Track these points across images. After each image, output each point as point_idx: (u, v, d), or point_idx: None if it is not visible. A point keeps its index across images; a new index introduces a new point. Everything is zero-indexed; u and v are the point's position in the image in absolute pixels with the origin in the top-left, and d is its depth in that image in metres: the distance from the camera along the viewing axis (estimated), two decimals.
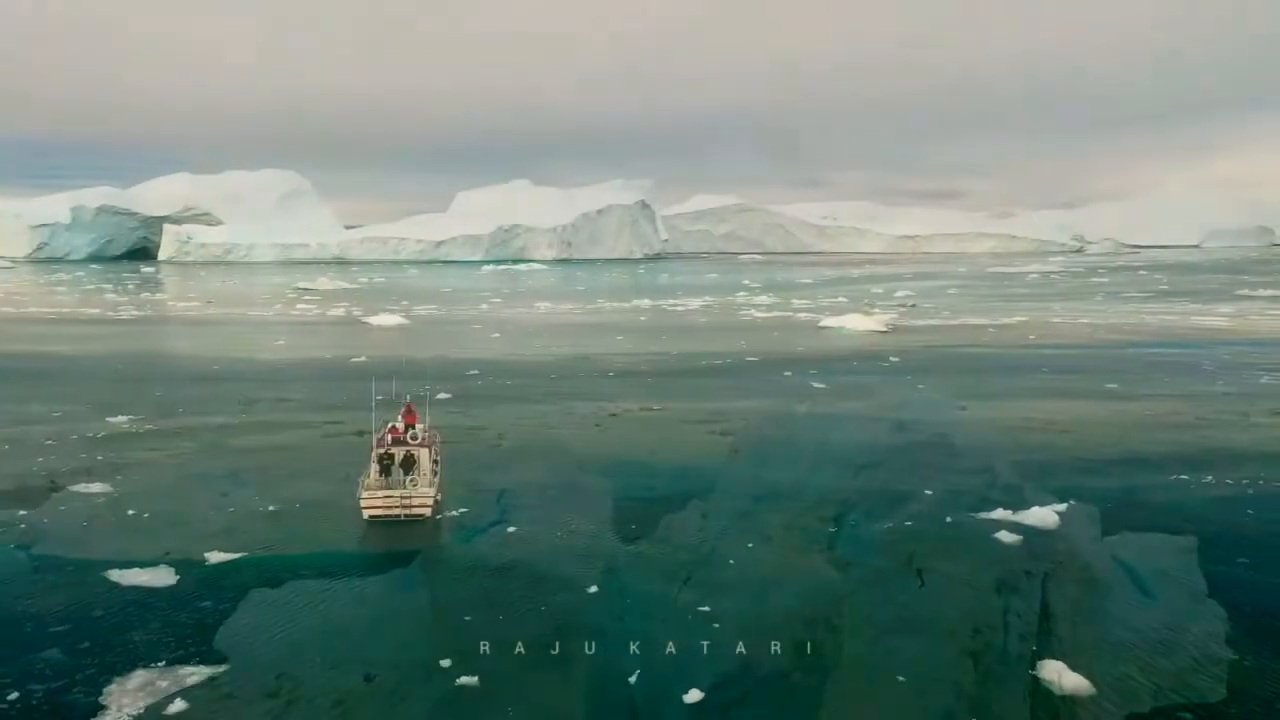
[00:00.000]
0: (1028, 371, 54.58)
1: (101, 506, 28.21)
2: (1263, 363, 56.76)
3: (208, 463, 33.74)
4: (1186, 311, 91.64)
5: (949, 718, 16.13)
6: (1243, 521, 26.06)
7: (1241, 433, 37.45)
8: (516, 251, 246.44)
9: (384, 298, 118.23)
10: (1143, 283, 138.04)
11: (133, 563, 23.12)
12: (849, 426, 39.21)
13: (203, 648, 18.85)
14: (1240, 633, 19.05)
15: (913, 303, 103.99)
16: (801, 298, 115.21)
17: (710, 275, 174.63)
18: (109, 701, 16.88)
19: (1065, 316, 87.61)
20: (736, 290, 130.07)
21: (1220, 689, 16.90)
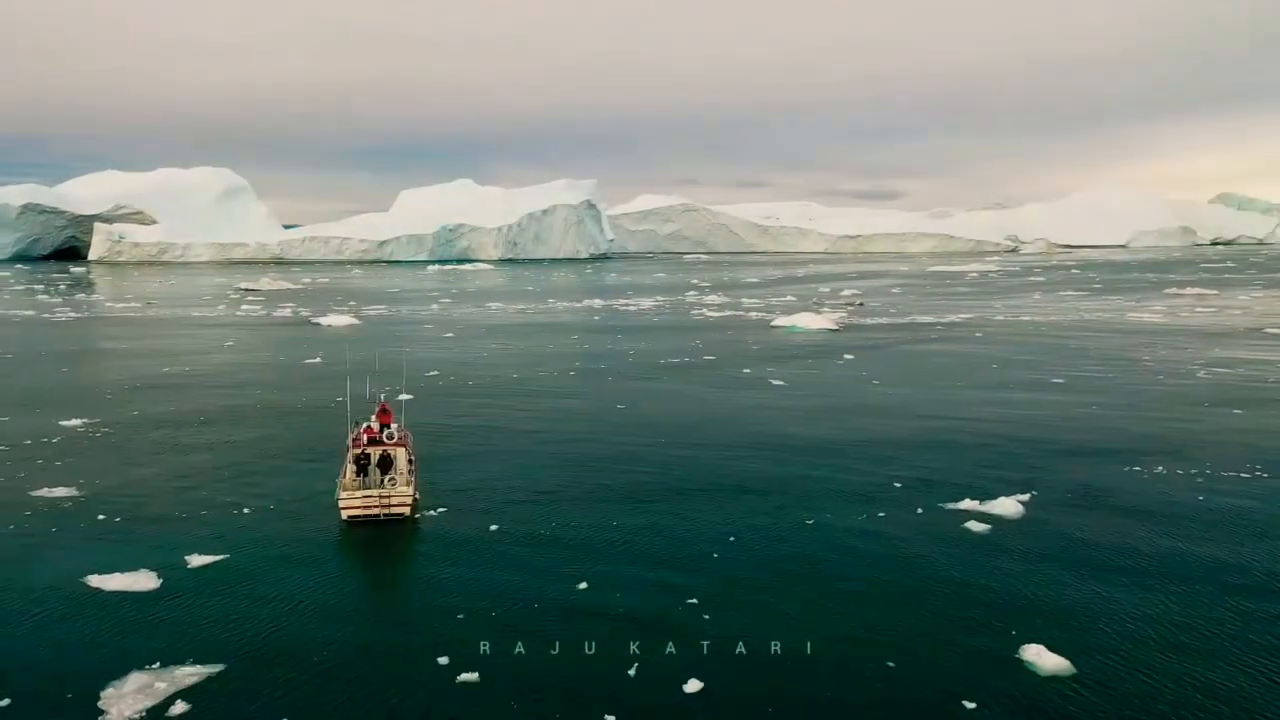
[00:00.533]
0: (977, 368, 56.08)
1: (69, 511, 27.64)
2: (1197, 357, 59.10)
3: (173, 465, 33.19)
4: (1121, 308, 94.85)
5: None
6: (1197, 508, 27.30)
7: (1185, 425, 39.08)
8: (461, 251, 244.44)
9: (330, 298, 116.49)
10: (1077, 281, 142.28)
11: (112, 567, 22.77)
12: (811, 421, 39.99)
13: (196, 650, 18.72)
14: (1203, 608, 20.11)
15: (860, 301, 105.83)
16: (750, 297, 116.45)
17: (658, 275, 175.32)
18: (108, 705, 16.71)
19: (1007, 314, 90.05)
20: (686, 290, 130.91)
21: (1190, 658, 17.88)
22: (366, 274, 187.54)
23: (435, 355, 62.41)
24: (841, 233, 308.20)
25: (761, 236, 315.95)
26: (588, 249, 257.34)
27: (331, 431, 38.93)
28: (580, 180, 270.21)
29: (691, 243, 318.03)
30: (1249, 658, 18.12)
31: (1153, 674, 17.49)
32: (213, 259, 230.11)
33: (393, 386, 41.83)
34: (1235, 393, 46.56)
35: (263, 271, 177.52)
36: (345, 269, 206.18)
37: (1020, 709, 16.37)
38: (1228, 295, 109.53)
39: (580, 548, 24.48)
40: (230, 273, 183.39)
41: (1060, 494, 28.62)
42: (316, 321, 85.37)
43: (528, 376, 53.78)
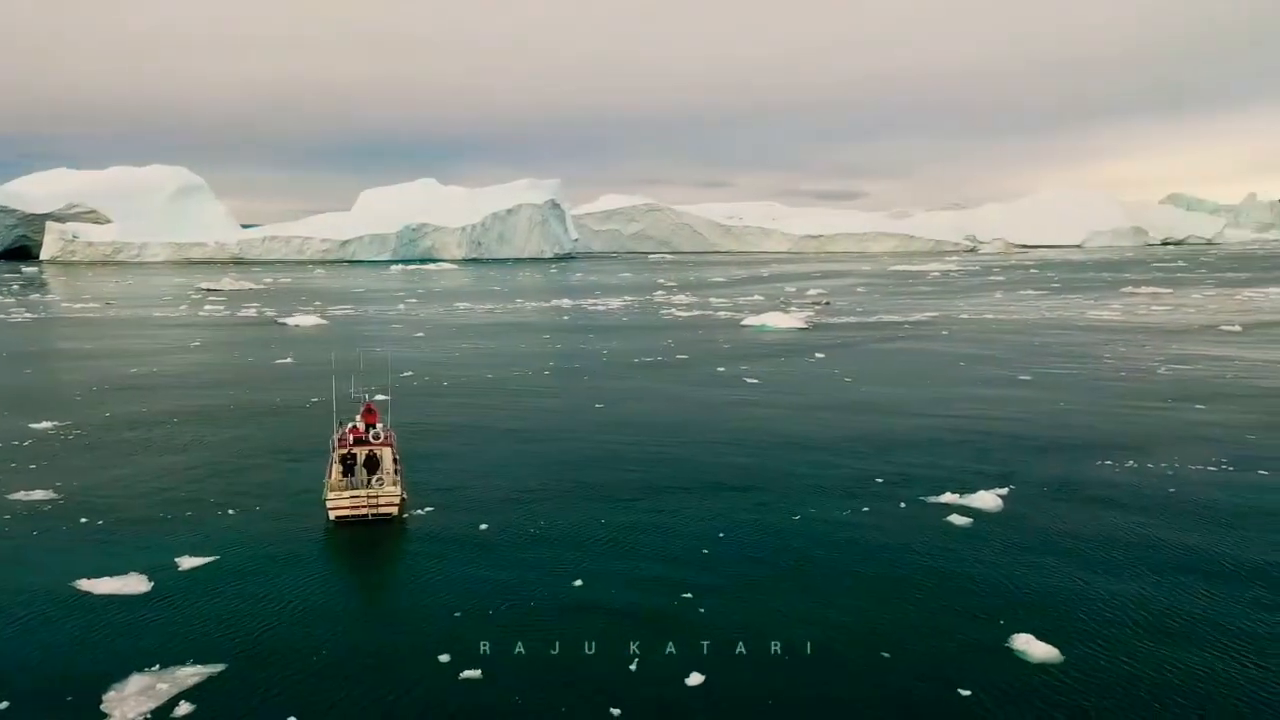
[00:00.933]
0: (946, 365, 57.06)
1: (50, 514, 27.28)
2: (1156, 354, 60.63)
3: (151, 466, 32.82)
4: (1081, 307, 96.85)
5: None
6: (1168, 499, 28.16)
7: (1151, 420, 40.17)
8: (425, 251, 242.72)
9: (295, 298, 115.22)
10: (1035, 281, 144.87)
11: (100, 571, 22.56)
12: (788, 419, 40.50)
13: (195, 651, 18.64)
14: (1181, 595, 20.84)
15: (826, 300, 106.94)
16: (718, 296, 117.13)
17: (624, 274, 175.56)
18: (110, 707, 16.63)
19: (971, 313, 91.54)
20: (654, 289, 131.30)
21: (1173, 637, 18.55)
22: (329, 274, 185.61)
23: (408, 355, 62.10)
24: (804, 232, 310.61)
25: (725, 236, 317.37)
26: (552, 249, 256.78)
27: (310, 431, 38.77)
28: (544, 180, 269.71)
29: (656, 242, 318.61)
30: (1224, 640, 18.81)
31: (1137, 660, 18.08)
32: (169, 259, 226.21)
33: (370, 387, 41.71)
34: (1195, 388, 47.87)
35: (222, 271, 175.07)
36: (307, 269, 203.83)
37: (1012, 697, 16.85)
38: (1181, 294, 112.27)
39: (571, 545, 24.66)
40: (189, 272, 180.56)
41: (1037, 487, 29.35)
42: (283, 321, 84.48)
43: (503, 376, 53.76)
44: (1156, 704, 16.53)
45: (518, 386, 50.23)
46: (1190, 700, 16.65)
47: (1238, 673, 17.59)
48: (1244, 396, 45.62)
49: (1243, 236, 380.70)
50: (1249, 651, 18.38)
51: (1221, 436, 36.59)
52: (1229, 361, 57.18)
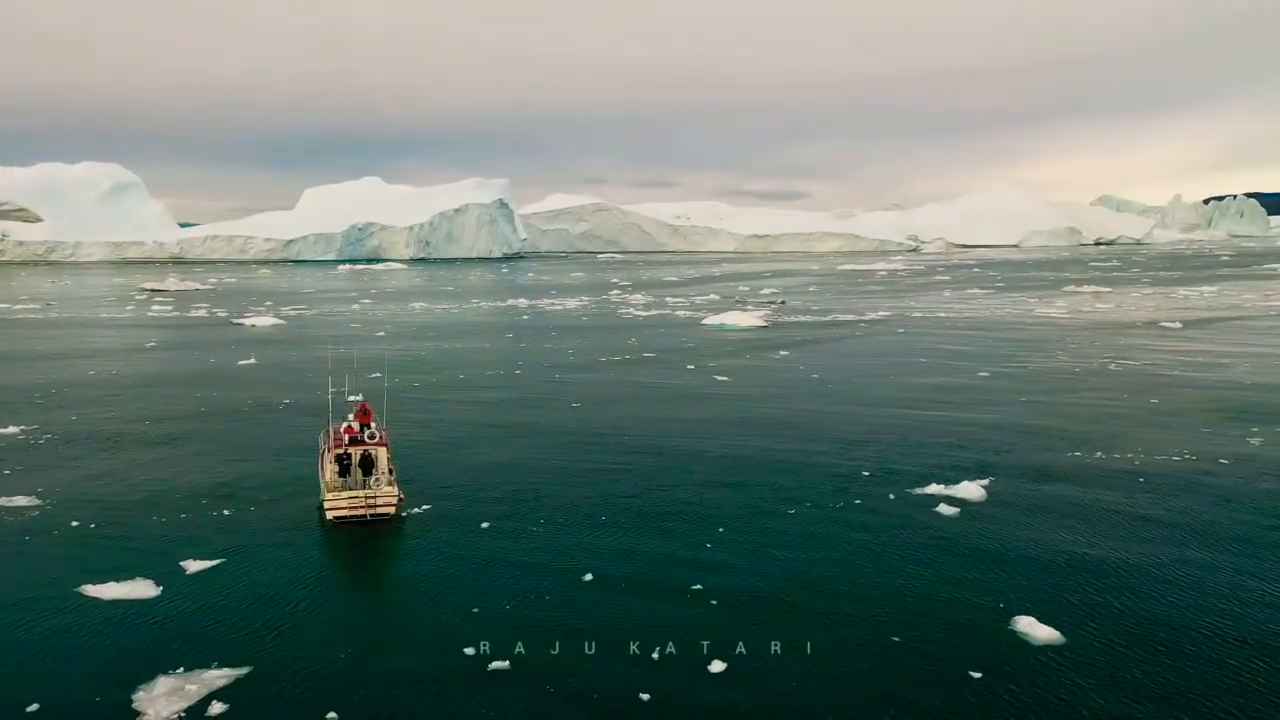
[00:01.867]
0: (907, 362, 58.41)
1: (37, 520, 26.81)
2: (1106, 350, 62.78)
3: (131, 469, 32.35)
4: (1028, 305, 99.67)
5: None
6: (1140, 486, 29.46)
7: (1110, 412, 41.72)
8: (372, 250, 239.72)
9: (244, 298, 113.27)
10: (980, 279, 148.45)
11: (104, 576, 22.33)
12: (765, 416, 41.25)
13: (218, 653, 18.64)
14: (1173, 573, 21.98)
15: (781, 300, 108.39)
16: (674, 296, 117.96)
17: (576, 274, 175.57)
18: (143, 708, 16.60)
19: (923, 311, 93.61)
20: (608, 289, 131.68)
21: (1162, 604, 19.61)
22: (275, 274, 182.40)
23: (374, 355, 61.53)
24: (751, 232, 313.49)
25: (673, 236, 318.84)
26: (500, 248, 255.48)
27: (289, 432, 38.54)
28: (492, 179, 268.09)
29: (604, 242, 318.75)
30: (1212, 606, 19.91)
31: (1136, 640, 19.07)
32: (106, 258, 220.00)
33: (342, 388, 41.42)
34: (1147, 382, 49.81)
35: (162, 271, 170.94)
36: (250, 269, 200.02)
37: (1018, 678, 17.65)
38: (1120, 292, 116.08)
39: (573, 543, 24.95)
40: (127, 272, 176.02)
41: (1015, 478, 30.48)
42: (238, 322, 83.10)
43: (474, 376, 53.74)
44: (1159, 681, 17.47)
45: (490, 386, 50.28)
46: (1190, 668, 17.64)
47: (1228, 628, 18.67)
48: (1192, 389, 47.58)
49: (1170, 237, 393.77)
50: (1236, 615, 19.49)
51: (1178, 427, 38.25)
52: (1174, 357, 59.50)
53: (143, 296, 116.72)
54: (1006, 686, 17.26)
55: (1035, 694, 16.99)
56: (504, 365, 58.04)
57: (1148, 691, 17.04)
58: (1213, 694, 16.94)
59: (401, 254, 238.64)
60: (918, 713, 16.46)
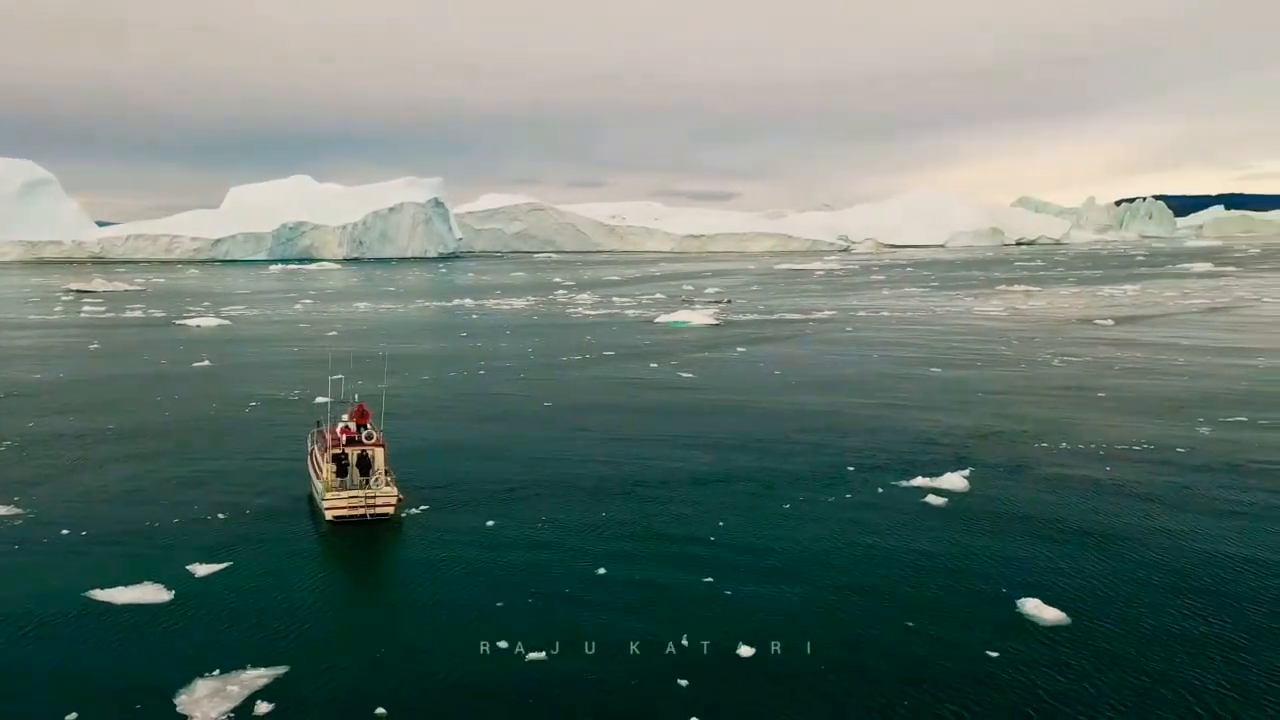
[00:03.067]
0: (862, 358, 59.90)
1: (24, 529, 26.16)
2: (1046, 347, 65.21)
3: (110, 475, 31.66)
4: (965, 303, 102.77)
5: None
6: (1109, 474, 30.96)
7: (1064, 406, 43.48)
8: (303, 250, 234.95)
9: (179, 299, 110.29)
10: (914, 278, 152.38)
11: (110, 582, 21.95)
12: (739, 412, 42.02)
13: (250, 654, 18.55)
14: (1156, 554, 23.31)
15: (728, 299, 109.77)
16: (620, 295, 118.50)
17: (517, 274, 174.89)
18: (188, 711, 16.49)
19: (867, 310, 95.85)
20: (553, 289, 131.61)
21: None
22: (204, 274, 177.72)
23: (330, 357, 60.70)
24: (686, 232, 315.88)
25: (608, 236, 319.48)
26: (436, 248, 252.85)
27: (265, 433, 38.11)
28: (426, 178, 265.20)
29: (539, 242, 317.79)
30: (1204, 573, 21.24)
31: (1135, 616, 20.23)
32: (20, 258, 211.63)
33: (302, 389, 41.08)
34: (1090, 376, 51.98)
35: (83, 271, 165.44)
36: (177, 269, 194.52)
37: (1028, 656, 18.59)
38: (1050, 292, 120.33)
39: (578, 540, 25.12)
40: (46, 272, 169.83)
41: (993, 469, 31.74)
42: (181, 323, 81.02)
43: (440, 376, 53.50)
44: (1159, 655, 18.62)
45: (459, 387, 50.14)
46: (1187, 631, 18.86)
47: (1207, 610, 19.98)
48: (1134, 383, 49.87)
49: (1086, 237, 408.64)
50: (1216, 578, 20.84)
51: (1129, 418, 40.16)
52: (1111, 352, 62.13)
53: (69, 297, 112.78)
54: (1024, 663, 18.17)
55: (1047, 672, 17.94)
56: (465, 365, 57.84)
57: (1152, 664, 18.15)
58: (1210, 649, 18.14)
59: (334, 254, 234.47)
60: (945, 692, 17.22)
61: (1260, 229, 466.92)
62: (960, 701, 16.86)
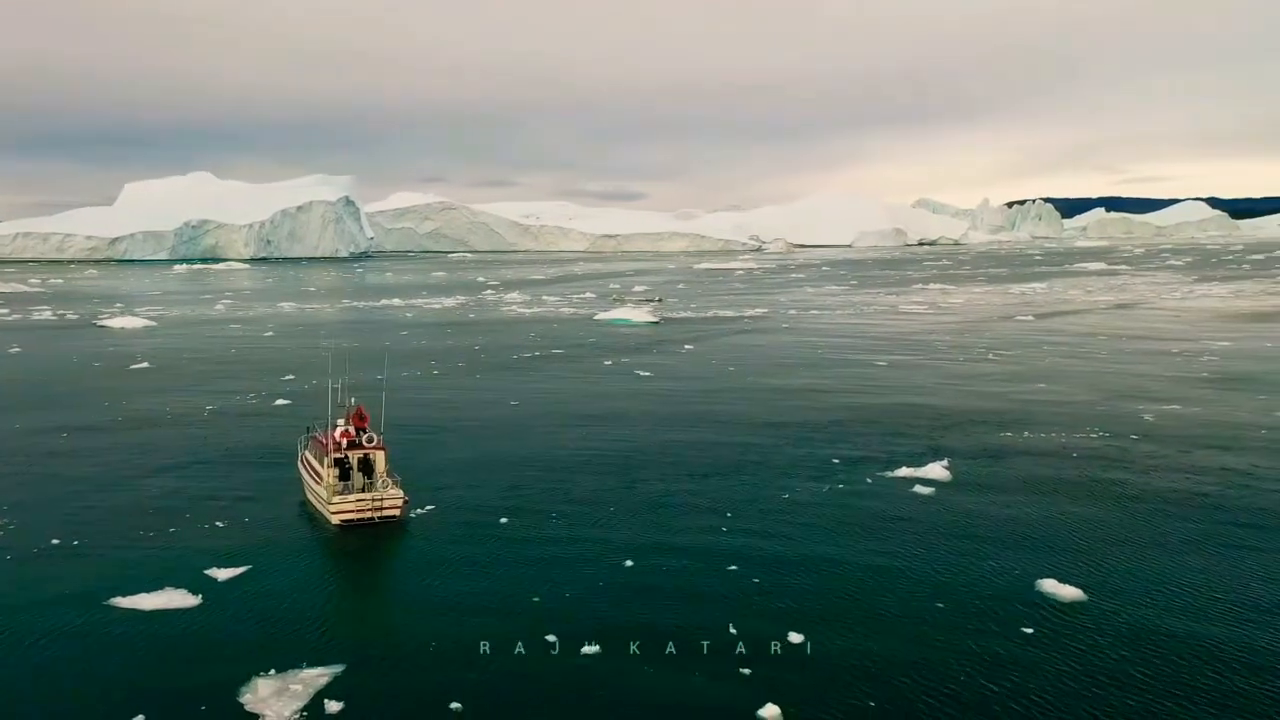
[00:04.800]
0: (808, 353, 61.39)
1: (14, 538, 25.01)
2: (978, 341, 67.97)
3: (80, 482, 30.51)
4: (889, 301, 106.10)
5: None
6: (1076, 460, 32.73)
7: (1012, 396, 45.49)
8: (208, 250, 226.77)
9: (85, 300, 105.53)
10: (833, 277, 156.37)
11: (130, 589, 21.38)
12: (710, 408, 42.76)
13: (300, 653, 18.37)
14: (1145, 528, 24.91)
15: (659, 298, 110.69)
16: (549, 294, 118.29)
17: (438, 274, 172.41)
18: (258, 710, 16.26)
19: (797, 307, 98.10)
20: (480, 289, 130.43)
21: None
22: (104, 274, 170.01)
23: (276, 358, 59.23)
24: (601, 232, 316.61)
25: (523, 235, 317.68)
26: (347, 248, 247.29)
27: (236, 436, 37.26)
28: (336, 176, 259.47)
29: (452, 241, 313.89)
30: (1175, 544, 22.85)
31: (1149, 589, 21.65)
32: None
33: (259, 393, 40.14)
34: (1027, 369, 54.49)
35: None
36: (71, 269, 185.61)
37: (1055, 629, 19.74)
38: (963, 289, 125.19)
39: (585, 537, 25.25)
40: None
41: (968, 458, 33.16)
42: (101, 324, 77.61)
43: (393, 376, 52.47)
44: (1173, 618, 20.02)
45: (419, 386, 49.53)
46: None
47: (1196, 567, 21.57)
48: (1067, 373, 52.48)
49: (982, 238, 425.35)
50: (1193, 543, 22.48)
51: (1076, 406, 42.40)
52: (1039, 345, 65.19)
53: None
54: (1051, 637, 19.29)
55: (1067, 644, 19.12)
56: (417, 364, 57.12)
57: (1170, 627, 19.52)
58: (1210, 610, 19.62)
59: (241, 253, 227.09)
60: (986, 665, 18.16)
61: (1138, 230, 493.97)
62: (1005, 681, 17.80)
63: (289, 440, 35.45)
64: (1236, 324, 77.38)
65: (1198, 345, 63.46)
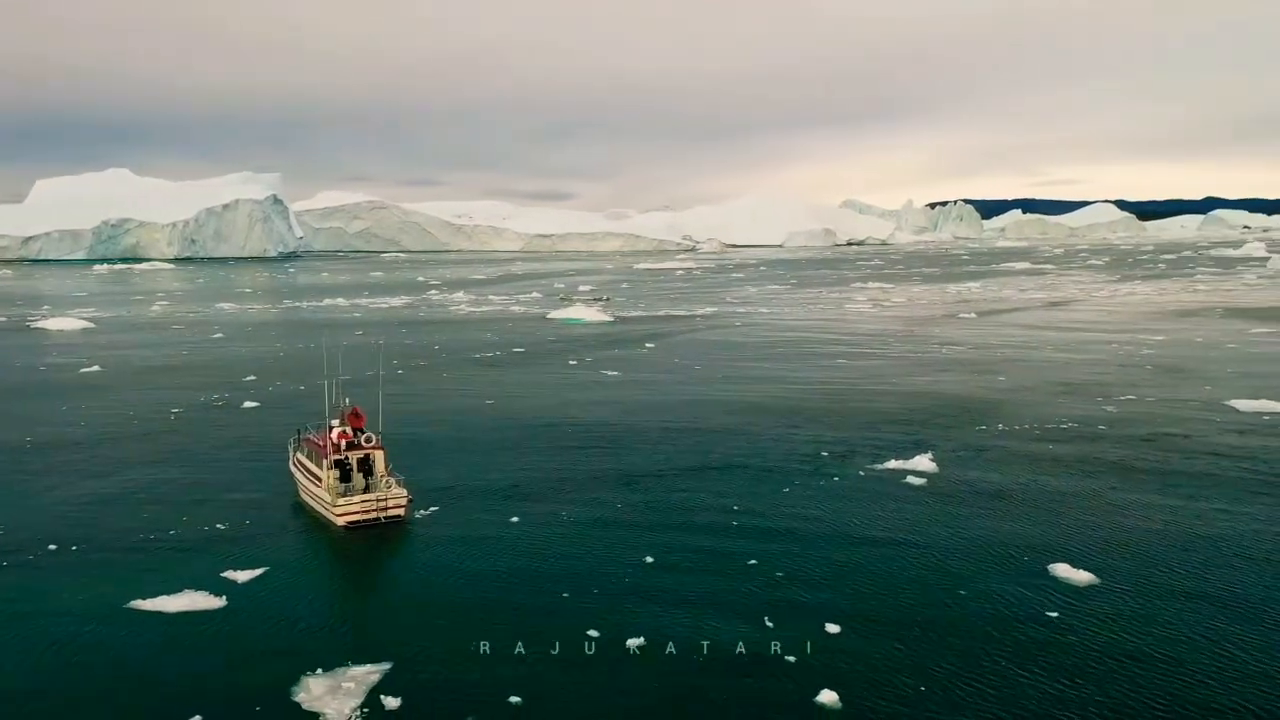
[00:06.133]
0: (768, 351, 62.22)
1: (17, 545, 24.08)
2: (930, 338, 69.79)
3: (62, 487, 29.41)
4: (833, 300, 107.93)
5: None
6: (1054, 450, 33.99)
7: (974, 390, 46.88)
8: (129, 249, 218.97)
9: (8, 302, 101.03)
10: (772, 277, 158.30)
11: (150, 591, 21.03)
12: (688, 405, 43.16)
13: (343, 651, 18.26)
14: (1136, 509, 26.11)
15: (606, 297, 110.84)
16: (495, 294, 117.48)
17: (375, 274, 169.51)
18: (318, 708, 16.09)
19: (745, 307, 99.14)
20: (424, 289, 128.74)
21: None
22: (18, 274, 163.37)
23: (229, 359, 57.74)
24: (535, 231, 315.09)
25: (456, 235, 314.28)
26: (276, 247, 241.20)
27: (211, 439, 36.54)
28: (262, 174, 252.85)
29: (383, 241, 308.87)
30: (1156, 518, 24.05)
31: (1152, 570, 22.73)
32: None
33: (224, 395, 39.24)
34: (982, 363, 56.13)
35: None
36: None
37: (1074, 611, 20.63)
38: (901, 288, 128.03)
39: (606, 535, 25.43)
40: None
41: (950, 450, 34.16)
42: (37, 326, 74.53)
43: (358, 378, 51.56)
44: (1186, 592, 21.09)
45: (390, 385, 48.67)
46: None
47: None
48: (1022, 368, 54.15)
49: (907, 238, 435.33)
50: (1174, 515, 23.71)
51: (1039, 400, 43.91)
52: (988, 342, 67.16)
53: None
54: (1071, 619, 20.16)
55: (1086, 625, 20.02)
56: (380, 364, 56.17)
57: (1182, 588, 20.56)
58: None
59: (164, 253, 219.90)
60: (1013, 647, 18.92)
61: (1053, 231, 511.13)
62: (1038, 663, 18.57)
63: (269, 441, 34.92)
64: (1164, 320, 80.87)
65: (1135, 340, 66.19)
